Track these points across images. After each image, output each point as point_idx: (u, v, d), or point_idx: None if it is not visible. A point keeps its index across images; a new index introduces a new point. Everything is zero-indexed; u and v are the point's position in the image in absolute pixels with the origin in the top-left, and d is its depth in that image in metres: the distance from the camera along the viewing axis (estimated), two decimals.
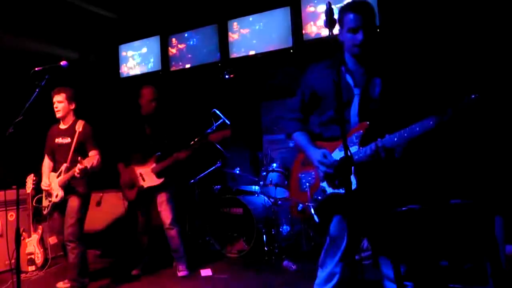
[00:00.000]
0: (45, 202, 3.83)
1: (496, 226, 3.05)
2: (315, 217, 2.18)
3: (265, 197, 4.81)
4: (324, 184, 2.13)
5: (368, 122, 2.02)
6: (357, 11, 2.01)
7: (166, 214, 4.07)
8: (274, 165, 4.86)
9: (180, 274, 4.09)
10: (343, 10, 2.08)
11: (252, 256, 4.47)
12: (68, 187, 3.67)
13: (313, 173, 2.20)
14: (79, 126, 3.73)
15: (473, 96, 1.72)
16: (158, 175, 4.05)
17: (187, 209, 5.16)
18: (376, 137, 1.96)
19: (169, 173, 4.07)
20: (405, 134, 1.88)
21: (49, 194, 3.78)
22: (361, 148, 2.01)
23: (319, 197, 2.15)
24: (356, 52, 2.06)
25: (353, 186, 1.97)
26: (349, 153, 1.68)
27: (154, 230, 4.39)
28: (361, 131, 2.03)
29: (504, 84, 3.66)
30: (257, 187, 5.00)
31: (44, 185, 3.80)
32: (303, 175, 2.27)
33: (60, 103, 3.74)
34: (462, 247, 3.43)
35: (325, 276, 2.18)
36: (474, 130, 3.77)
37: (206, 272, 4.13)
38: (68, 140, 3.73)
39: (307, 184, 2.22)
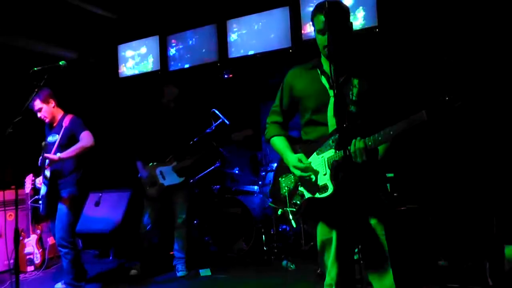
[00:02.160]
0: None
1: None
2: (293, 222, 2.17)
3: (264, 197, 4.82)
4: (302, 188, 2.10)
5: (344, 125, 1.92)
6: (325, 12, 1.96)
7: (180, 213, 4.10)
8: (274, 165, 4.86)
9: (179, 274, 4.08)
10: (313, 12, 2.06)
11: (251, 256, 4.47)
12: (53, 186, 3.57)
13: (292, 177, 2.17)
14: (66, 121, 3.64)
15: (447, 97, 1.67)
16: (180, 174, 4.05)
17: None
18: (352, 139, 1.90)
19: (189, 172, 4.09)
20: (391, 132, 1.82)
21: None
22: (337, 151, 1.95)
23: (298, 202, 2.12)
24: (326, 53, 2.04)
25: (330, 191, 1.94)
26: (347, 153, 1.67)
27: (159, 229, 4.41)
28: (337, 134, 1.96)
29: (494, 85, 3.67)
30: (256, 187, 5.00)
31: (37, 182, 3.73)
32: (283, 179, 2.25)
33: (40, 111, 3.64)
34: (462, 247, 3.43)
35: (327, 280, 2.16)
36: (471, 131, 3.78)
37: (205, 272, 4.13)
38: (56, 137, 3.64)
39: (286, 188, 2.20)
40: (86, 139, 3.58)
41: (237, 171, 5.05)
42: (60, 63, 3.03)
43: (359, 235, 2.13)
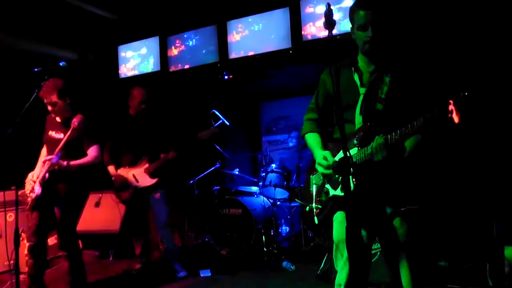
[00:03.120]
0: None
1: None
2: (315, 219, 2.18)
3: (264, 198, 4.82)
4: (328, 186, 2.13)
5: (368, 123, 1.99)
6: (366, 7, 1.99)
7: (160, 214, 4.07)
8: (274, 165, 4.86)
9: (179, 274, 4.08)
10: (353, 8, 2.06)
11: (251, 257, 4.47)
12: (48, 189, 3.43)
13: (321, 175, 2.20)
14: (75, 122, 3.44)
15: (462, 94, 1.69)
16: (152, 175, 4.04)
17: (187, 210, 5.16)
18: (375, 136, 1.92)
19: (162, 173, 4.08)
20: (406, 130, 1.83)
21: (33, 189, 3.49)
22: (360, 149, 1.98)
23: (323, 199, 2.15)
24: (366, 49, 2.04)
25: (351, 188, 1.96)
26: (348, 154, 1.67)
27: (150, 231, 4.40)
28: (362, 132, 2.00)
29: (496, 88, 3.67)
30: (256, 188, 5.00)
31: (30, 177, 3.53)
32: (313, 177, 2.28)
33: (54, 106, 3.44)
34: (462, 247, 3.43)
35: (337, 280, 2.16)
36: (471, 133, 3.78)
37: (205, 272, 4.13)
38: (61, 135, 3.49)
39: (315, 185, 2.23)
40: (95, 155, 3.49)
41: (237, 172, 5.05)
42: (60, 64, 3.03)
43: (378, 234, 2.14)
